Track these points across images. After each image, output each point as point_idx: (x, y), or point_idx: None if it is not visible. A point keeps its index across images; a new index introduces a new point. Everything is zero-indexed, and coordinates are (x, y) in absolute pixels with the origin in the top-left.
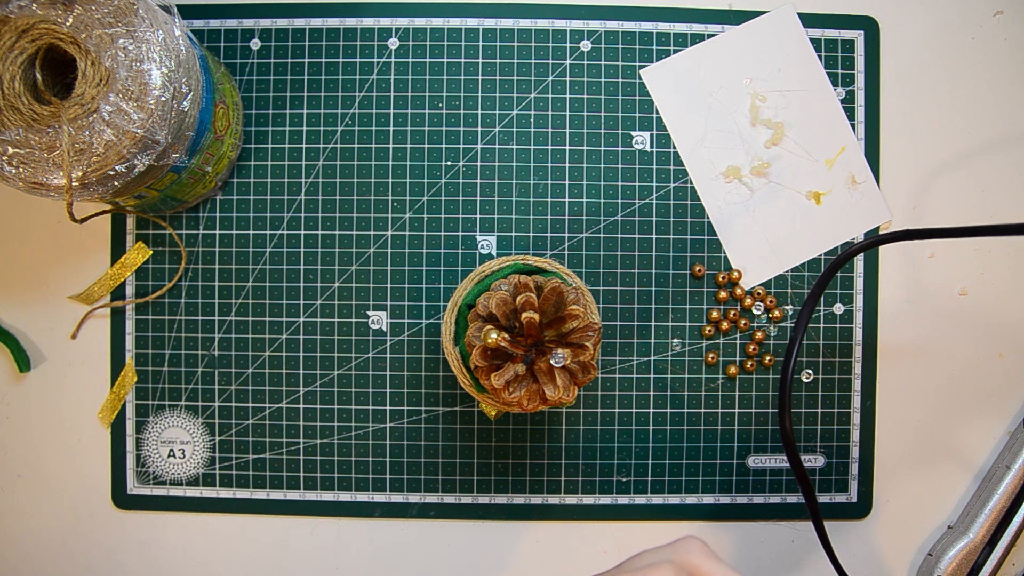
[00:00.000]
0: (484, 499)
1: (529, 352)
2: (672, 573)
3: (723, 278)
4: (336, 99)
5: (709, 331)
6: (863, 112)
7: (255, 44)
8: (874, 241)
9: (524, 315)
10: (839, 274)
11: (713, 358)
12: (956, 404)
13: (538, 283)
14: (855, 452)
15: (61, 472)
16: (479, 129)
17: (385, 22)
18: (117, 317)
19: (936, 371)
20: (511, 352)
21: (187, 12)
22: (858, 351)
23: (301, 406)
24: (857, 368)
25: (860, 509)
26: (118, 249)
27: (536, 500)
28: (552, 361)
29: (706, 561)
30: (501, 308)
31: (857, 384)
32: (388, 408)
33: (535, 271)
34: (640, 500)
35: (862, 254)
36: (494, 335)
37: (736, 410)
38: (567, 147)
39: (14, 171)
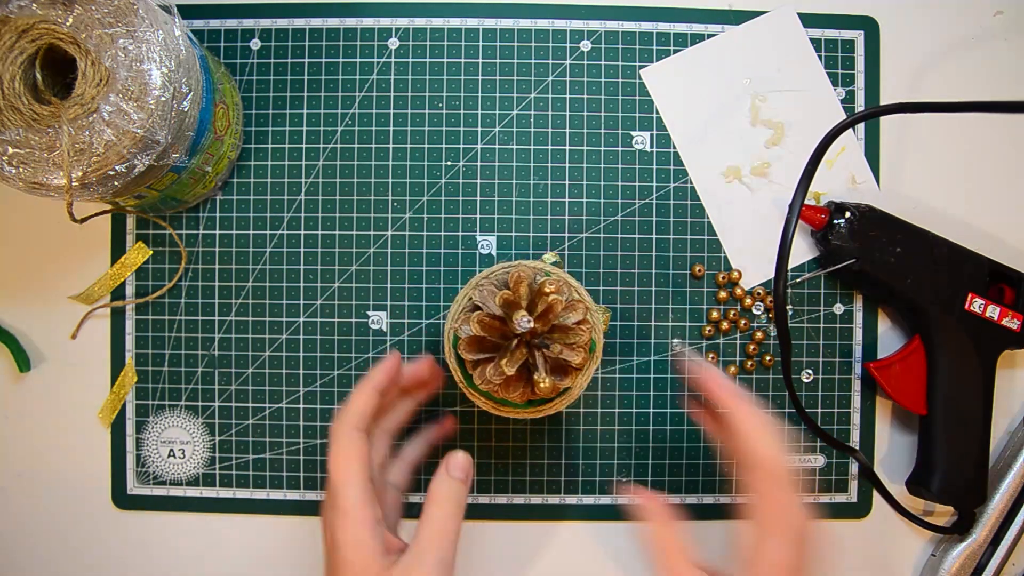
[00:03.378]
0: (484, 499)
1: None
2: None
3: (723, 278)
4: (336, 99)
5: (709, 331)
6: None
7: (255, 44)
8: (871, 112)
9: (499, 297)
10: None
11: (713, 358)
12: None
13: (509, 280)
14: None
15: (61, 472)
16: (479, 129)
17: (385, 22)
18: (117, 317)
19: None
20: (499, 343)
21: (187, 12)
22: (858, 351)
23: (301, 406)
24: (857, 368)
25: (860, 509)
26: (118, 249)
27: (536, 500)
28: (517, 325)
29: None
30: (484, 321)
31: (857, 384)
32: None
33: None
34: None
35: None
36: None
37: None
38: (567, 147)
39: (14, 171)
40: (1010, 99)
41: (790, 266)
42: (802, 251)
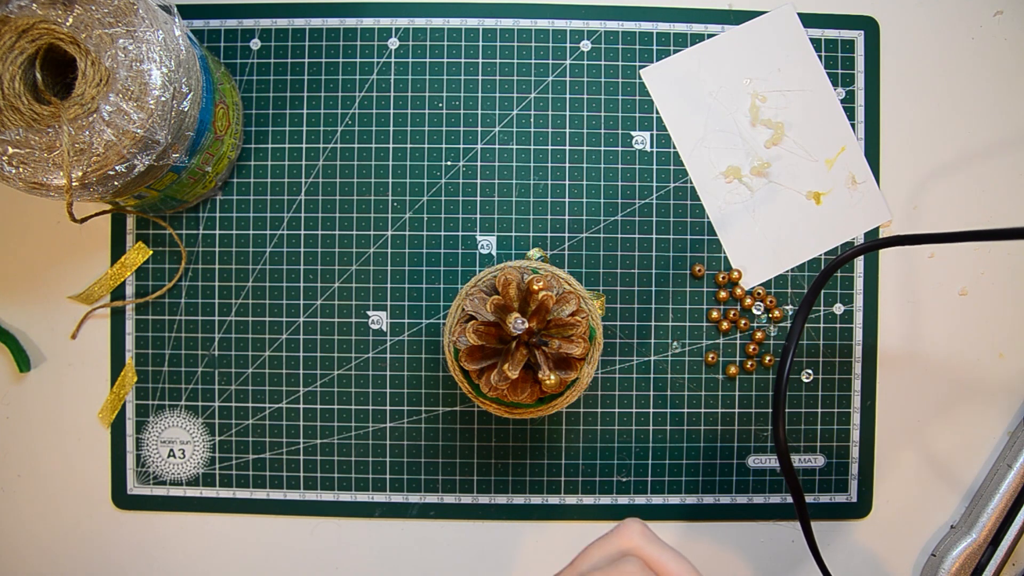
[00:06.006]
0: (484, 499)
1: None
2: (638, 569)
3: (723, 278)
4: (336, 99)
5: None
6: (863, 112)
7: (255, 44)
8: (870, 246)
9: (490, 303)
10: (839, 274)
11: (713, 358)
12: (956, 404)
13: (497, 284)
14: (855, 452)
15: (61, 472)
16: (479, 129)
17: (385, 22)
18: (117, 317)
19: (936, 371)
20: (499, 348)
21: (187, 12)
22: (858, 351)
23: (301, 406)
24: (857, 368)
25: (860, 509)
26: (118, 249)
27: (536, 500)
28: (512, 327)
29: (648, 546)
30: (480, 330)
31: (857, 384)
32: (388, 408)
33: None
34: (640, 500)
35: (862, 256)
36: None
37: (736, 410)
38: (567, 147)
39: (14, 171)
40: (1010, 226)
41: (791, 265)
42: (803, 251)
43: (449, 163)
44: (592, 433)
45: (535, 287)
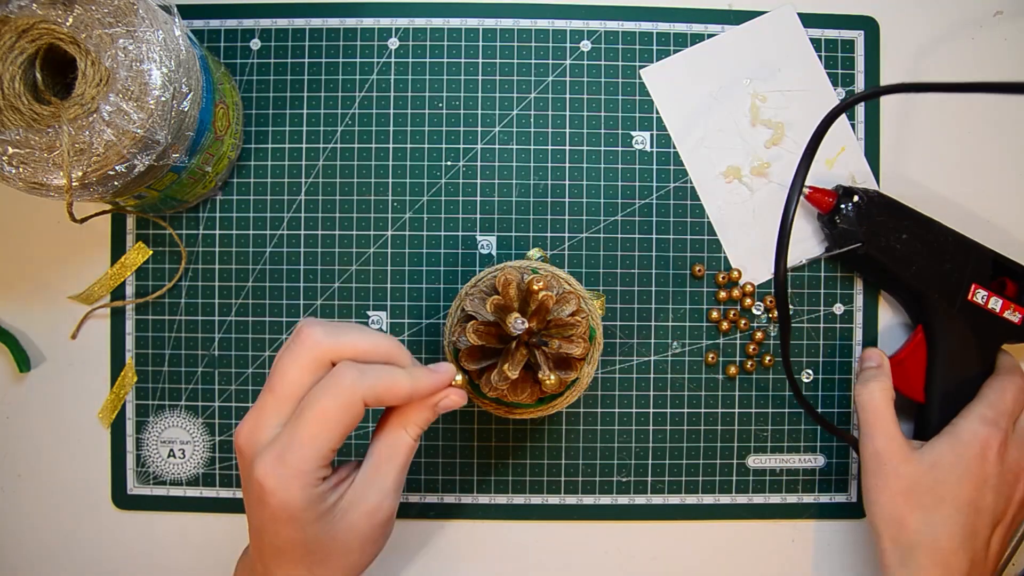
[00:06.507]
0: (484, 499)
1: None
2: (350, 368)
3: (723, 278)
4: (336, 99)
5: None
6: (863, 112)
7: (255, 44)
8: (873, 92)
9: (490, 303)
10: (839, 274)
11: (713, 358)
12: None
13: (497, 284)
14: (855, 452)
15: (61, 472)
16: (479, 129)
17: (385, 22)
18: (117, 317)
19: None
20: (498, 348)
21: (187, 12)
22: (858, 351)
23: None
24: (857, 368)
25: (860, 509)
26: (118, 249)
27: (536, 500)
28: (512, 327)
29: (337, 341)
30: (480, 330)
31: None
32: None
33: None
34: (640, 500)
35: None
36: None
37: (736, 410)
38: (567, 147)
39: (14, 171)
40: (1010, 80)
41: (791, 265)
42: (802, 250)
43: (449, 163)
44: (592, 433)
45: (535, 287)
